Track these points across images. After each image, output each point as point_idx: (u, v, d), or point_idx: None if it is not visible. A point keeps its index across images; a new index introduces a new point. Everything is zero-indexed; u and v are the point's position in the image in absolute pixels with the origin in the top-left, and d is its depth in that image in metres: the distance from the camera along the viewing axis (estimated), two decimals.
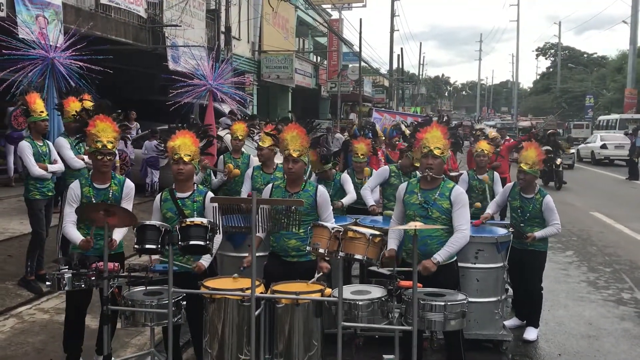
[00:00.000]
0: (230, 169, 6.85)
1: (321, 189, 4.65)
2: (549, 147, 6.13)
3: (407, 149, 6.64)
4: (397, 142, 9.15)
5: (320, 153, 5.98)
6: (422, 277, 4.04)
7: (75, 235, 4.42)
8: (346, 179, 6.48)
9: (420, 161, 4.52)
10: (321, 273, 4.35)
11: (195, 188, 4.52)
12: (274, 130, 5.58)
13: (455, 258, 4.51)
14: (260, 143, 6.37)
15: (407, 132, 7.53)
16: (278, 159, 6.47)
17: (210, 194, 4.57)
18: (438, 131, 4.43)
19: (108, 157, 4.44)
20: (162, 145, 4.66)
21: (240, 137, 7.13)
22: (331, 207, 4.66)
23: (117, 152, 4.65)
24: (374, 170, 7.05)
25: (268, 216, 4.40)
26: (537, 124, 27.89)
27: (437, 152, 4.35)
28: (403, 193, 4.54)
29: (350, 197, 6.31)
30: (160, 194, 4.60)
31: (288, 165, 4.52)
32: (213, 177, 6.85)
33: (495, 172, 7.29)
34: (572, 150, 25.37)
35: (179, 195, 4.46)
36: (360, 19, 28.41)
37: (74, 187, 4.52)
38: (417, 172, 6.48)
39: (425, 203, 4.38)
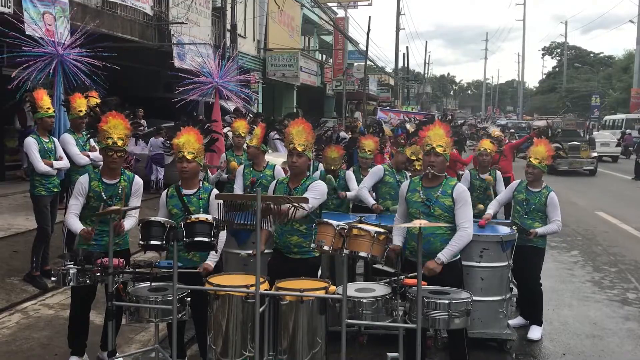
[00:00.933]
0: (233, 166, 6.86)
1: (319, 182, 4.65)
2: (558, 145, 6.16)
3: (402, 144, 6.70)
4: (402, 141, 9.14)
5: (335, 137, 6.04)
6: (426, 276, 4.04)
7: (77, 225, 4.48)
8: (350, 176, 6.52)
9: (423, 159, 4.52)
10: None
11: (201, 185, 4.54)
12: (281, 125, 5.60)
13: (459, 256, 4.51)
14: (247, 142, 6.41)
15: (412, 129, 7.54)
16: (269, 157, 6.51)
17: (215, 191, 4.58)
18: (441, 129, 4.44)
19: (118, 154, 4.46)
20: (168, 142, 4.68)
21: (242, 135, 7.16)
22: (318, 195, 4.43)
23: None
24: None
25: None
26: (554, 124, 23.80)
27: (439, 149, 4.36)
28: (405, 191, 4.55)
29: (352, 194, 6.39)
30: (166, 190, 4.63)
31: (292, 159, 4.51)
32: (210, 174, 6.86)
33: (497, 171, 7.28)
34: (595, 154, 22.60)
35: (184, 192, 4.48)
36: (369, 17, 27.99)
37: (82, 181, 4.56)
38: (406, 171, 6.50)
39: (427, 201, 4.39)
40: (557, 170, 20.27)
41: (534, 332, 5.71)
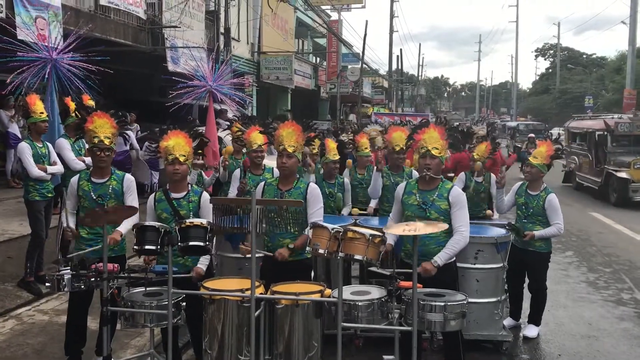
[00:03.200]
0: (226, 151, 6.75)
1: (312, 185, 4.65)
2: (558, 146, 6.18)
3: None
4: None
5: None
6: (420, 277, 4.05)
7: (70, 221, 4.56)
8: (348, 188, 6.52)
9: (419, 161, 4.54)
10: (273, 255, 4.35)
11: (190, 188, 4.52)
12: (269, 128, 5.61)
13: (454, 258, 4.51)
14: (247, 145, 6.41)
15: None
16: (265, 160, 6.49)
17: (205, 194, 4.57)
18: (435, 132, 4.45)
19: (106, 153, 4.47)
20: (154, 146, 4.67)
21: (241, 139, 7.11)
22: (321, 204, 4.60)
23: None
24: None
25: (261, 216, 4.35)
26: (618, 125, 15.36)
27: (434, 152, 4.37)
28: (402, 193, 4.56)
29: (348, 209, 6.47)
30: (153, 194, 4.60)
31: (282, 160, 4.52)
32: (205, 177, 6.82)
33: (491, 174, 7.27)
34: None
35: (173, 195, 4.46)
36: (366, 21, 27.69)
37: (73, 182, 4.62)
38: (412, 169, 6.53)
39: (423, 204, 4.39)
40: (631, 201, 14.16)
41: (531, 331, 5.74)
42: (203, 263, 4.36)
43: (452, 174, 7.87)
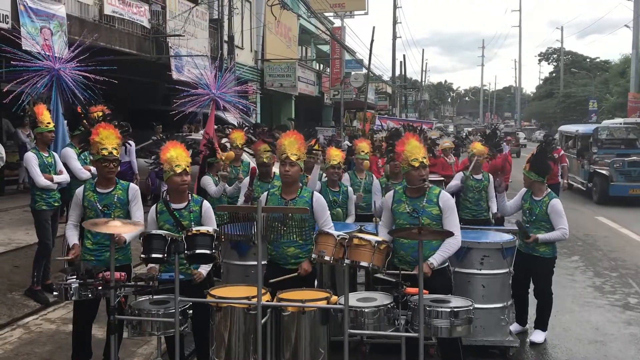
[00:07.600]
0: (226, 157, 6.71)
1: (317, 194, 4.65)
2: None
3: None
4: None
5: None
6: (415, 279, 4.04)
7: (71, 239, 4.60)
8: (351, 196, 6.53)
9: (410, 173, 4.49)
10: (297, 273, 4.36)
11: (190, 198, 4.51)
12: (269, 137, 5.65)
13: (448, 263, 4.59)
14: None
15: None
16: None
17: (206, 203, 4.57)
18: (414, 141, 4.49)
19: (113, 164, 4.49)
20: (155, 158, 4.63)
21: (240, 146, 7.12)
22: (328, 212, 4.64)
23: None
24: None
25: (265, 225, 4.36)
26: None
27: (426, 161, 4.46)
28: (391, 202, 4.60)
29: (352, 219, 6.48)
30: (154, 205, 4.58)
31: (285, 168, 4.51)
32: (227, 186, 6.77)
33: (490, 175, 7.32)
34: None
35: (174, 206, 4.44)
36: (374, 27, 27.16)
37: (78, 193, 4.64)
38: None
39: (414, 212, 4.43)
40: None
41: (538, 336, 5.72)
42: (204, 268, 4.36)
43: (442, 179, 7.98)
